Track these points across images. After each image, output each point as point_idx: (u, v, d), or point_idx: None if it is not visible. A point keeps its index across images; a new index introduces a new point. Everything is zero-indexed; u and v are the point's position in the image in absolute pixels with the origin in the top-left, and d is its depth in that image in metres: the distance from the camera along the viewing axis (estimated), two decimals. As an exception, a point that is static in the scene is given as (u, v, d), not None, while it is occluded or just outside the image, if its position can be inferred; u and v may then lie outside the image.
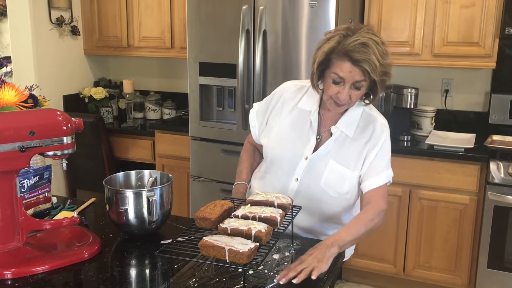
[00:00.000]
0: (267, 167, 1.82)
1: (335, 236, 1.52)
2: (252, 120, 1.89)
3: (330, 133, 1.72)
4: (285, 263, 1.44)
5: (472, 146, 2.91)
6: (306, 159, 1.72)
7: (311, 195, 1.72)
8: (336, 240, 1.49)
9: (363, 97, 1.69)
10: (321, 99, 1.74)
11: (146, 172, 1.79)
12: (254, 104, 1.95)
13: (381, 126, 1.72)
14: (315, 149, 1.72)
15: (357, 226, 1.60)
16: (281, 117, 1.79)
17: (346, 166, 1.69)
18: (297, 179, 1.73)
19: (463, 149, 2.87)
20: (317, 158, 1.71)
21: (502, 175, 2.75)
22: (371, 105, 1.75)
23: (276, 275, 1.36)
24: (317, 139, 1.73)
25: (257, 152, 1.96)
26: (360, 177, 1.72)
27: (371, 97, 1.67)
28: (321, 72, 1.64)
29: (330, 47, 1.57)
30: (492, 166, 2.78)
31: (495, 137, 3.07)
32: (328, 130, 1.73)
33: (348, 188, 1.71)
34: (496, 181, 2.76)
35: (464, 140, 3.06)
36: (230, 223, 1.35)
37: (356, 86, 1.58)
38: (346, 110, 1.71)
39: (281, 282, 1.33)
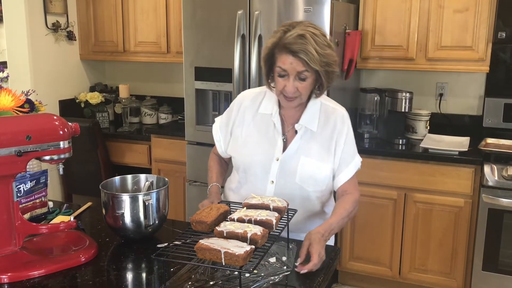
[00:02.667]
0: (241, 177, 1.86)
1: (329, 227, 1.61)
2: (216, 135, 1.96)
3: (295, 131, 1.78)
4: (284, 267, 1.45)
5: (467, 150, 2.93)
6: (277, 160, 1.77)
7: (289, 195, 1.75)
8: (330, 232, 1.61)
9: (317, 91, 1.74)
10: (279, 101, 1.79)
11: (143, 176, 1.80)
12: (215, 119, 1.99)
13: (342, 116, 1.80)
14: (284, 149, 1.77)
15: (343, 217, 1.70)
16: (245, 126, 1.84)
17: (317, 159, 1.75)
18: (272, 181, 1.78)
19: (457, 153, 2.89)
20: (288, 157, 1.76)
21: (496, 178, 2.77)
22: (328, 98, 1.83)
23: (272, 277, 1.38)
24: (283, 139, 1.78)
25: (223, 161, 2.02)
26: (333, 170, 1.78)
27: (320, 89, 1.73)
28: (269, 69, 1.71)
29: (272, 42, 1.66)
30: (486, 169, 2.80)
31: (489, 140, 3.09)
32: (292, 128, 1.79)
33: (323, 179, 1.77)
34: (490, 184, 2.78)
35: (458, 143, 3.08)
36: (226, 226, 1.36)
37: (300, 78, 1.64)
38: (306, 107, 1.77)
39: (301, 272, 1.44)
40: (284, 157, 1.76)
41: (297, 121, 1.77)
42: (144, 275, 1.49)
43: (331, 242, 1.89)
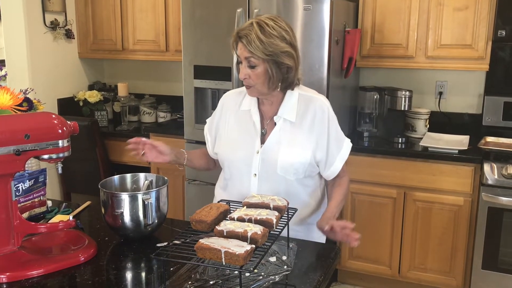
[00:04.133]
0: (226, 174, 1.90)
1: (331, 214, 1.75)
2: (206, 135, 1.99)
3: (274, 123, 1.80)
4: (285, 266, 1.44)
5: (466, 148, 2.93)
6: (258, 153, 1.79)
7: (273, 186, 1.77)
8: (334, 217, 1.74)
9: (272, 84, 1.72)
10: (259, 98, 1.83)
11: (142, 175, 1.79)
12: (206, 120, 2.02)
13: (321, 104, 1.80)
14: (264, 142, 1.80)
15: (342, 200, 1.83)
16: (227, 125, 1.89)
17: (297, 148, 1.77)
18: (255, 174, 1.80)
19: (457, 151, 2.89)
20: (267, 149, 1.78)
21: (496, 177, 2.77)
22: (305, 88, 1.85)
23: (272, 277, 1.37)
24: (262, 133, 1.81)
25: (210, 158, 2.03)
26: (317, 159, 1.80)
27: (274, 82, 1.71)
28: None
29: (236, 32, 1.73)
30: (486, 167, 2.79)
31: (489, 139, 3.09)
32: (271, 121, 1.81)
33: (303, 167, 1.78)
34: (490, 182, 2.78)
35: (458, 142, 3.08)
36: (226, 225, 1.36)
37: (250, 65, 1.68)
38: (283, 100, 1.78)
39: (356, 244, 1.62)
40: (264, 149, 1.78)
41: (276, 114, 1.80)
42: (143, 274, 1.48)
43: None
